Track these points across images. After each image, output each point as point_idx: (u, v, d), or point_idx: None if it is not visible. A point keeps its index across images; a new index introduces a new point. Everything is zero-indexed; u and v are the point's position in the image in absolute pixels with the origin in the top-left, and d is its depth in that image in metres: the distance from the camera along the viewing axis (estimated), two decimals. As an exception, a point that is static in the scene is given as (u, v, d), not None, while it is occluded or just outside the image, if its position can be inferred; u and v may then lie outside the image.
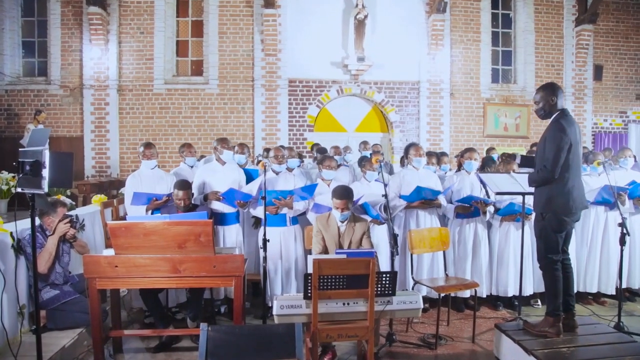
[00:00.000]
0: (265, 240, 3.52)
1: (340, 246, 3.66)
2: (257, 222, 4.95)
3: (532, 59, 9.66)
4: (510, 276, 4.60)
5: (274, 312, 2.90)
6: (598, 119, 9.89)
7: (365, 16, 8.83)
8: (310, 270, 2.85)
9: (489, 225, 4.77)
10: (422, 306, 3.07)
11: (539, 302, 4.82)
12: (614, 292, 4.82)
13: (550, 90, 3.29)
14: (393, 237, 3.60)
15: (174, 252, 3.13)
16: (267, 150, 6.84)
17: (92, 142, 8.55)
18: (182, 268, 3.14)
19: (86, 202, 6.83)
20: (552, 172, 3.12)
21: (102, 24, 8.34)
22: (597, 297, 4.91)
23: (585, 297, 4.87)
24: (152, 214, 4.15)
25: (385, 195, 3.90)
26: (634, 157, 5.31)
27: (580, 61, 9.62)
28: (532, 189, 3.67)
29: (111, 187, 7.72)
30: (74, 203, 4.66)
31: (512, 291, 4.63)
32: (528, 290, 4.66)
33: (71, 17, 8.56)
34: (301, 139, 9.33)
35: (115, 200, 5.59)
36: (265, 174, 3.92)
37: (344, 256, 2.92)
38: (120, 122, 8.74)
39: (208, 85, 9.04)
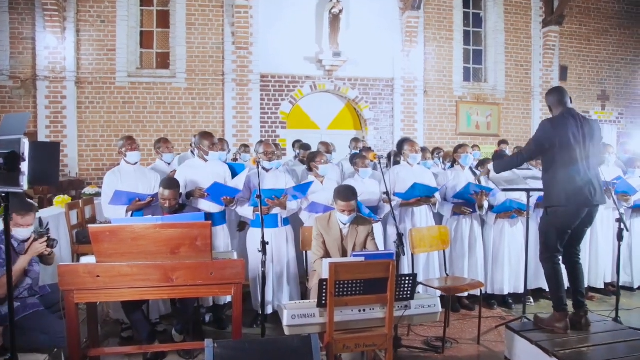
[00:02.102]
0: (264, 243, 3.21)
1: (344, 249, 3.43)
2: (241, 224, 4.64)
3: (502, 59, 9.81)
4: (506, 274, 4.53)
5: (285, 322, 2.62)
6: (563, 118, 10.17)
7: (341, 10, 8.62)
8: (325, 275, 2.59)
9: (482, 223, 4.68)
10: (440, 310, 2.89)
11: (531, 299, 4.80)
12: (602, 287, 4.88)
13: (547, 97, 3.45)
14: (398, 237, 3.40)
15: (166, 259, 2.77)
16: (244, 146, 6.50)
17: (48, 138, 7.79)
18: (175, 276, 2.78)
19: (43, 204, 6.22)
20: (521, 157, 3.42)
21: (58, 10, 7.63)
22: (586, 292, 4.95)
23: (575, 293, 4.89)
24: (132, 215, 3.73)
25: (387, 193, 3.70)
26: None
27: (547, 62, 9.87)
28: (537, 186, 3.61)
29: (70, 188, 7.08)
30: (35, 204, 4.12)
31: (507, 289, 4.56)
32: (521, 288, 4.61)
33: (21, 1, 7.80)
34: (274, 136, 9.00)
35: (80, 201, 5.07)
36: (258, 171, 3.62)
37: (362, 259, 2.68)
38: (79, 117, 8.04)
39: (175, 79, 8.51)
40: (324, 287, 2.57)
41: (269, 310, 4.03)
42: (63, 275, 2.70)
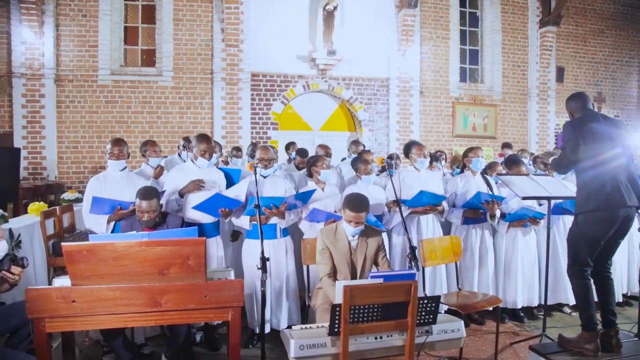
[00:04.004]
0: (263, 259, 2.86)
1: (352, 264, 3.10)
2: (234, 234, 4.28)
3: (499, 59, 9.60)
4: (519, 287, 4.25)
5: (292, 354, 2.27)
6: (560, 120, 10.02)
7: (335, 7, 8.31)
8: (338, 300, 2.26)
9: (493, 232, 4.39)
10: (464, 334, 2.58)
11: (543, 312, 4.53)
12: (621, 299, 4.65)
13: (568, 102, 3.36)
14: (411, 250, 3.09)
15: (154, 280, 2.41)
16: (236, 149, 6.14)
17: (24, 139, 7.33)
18: (164, 300, 2.42)
19: (18, 210, 5.75)
20: (558, 164, 3.25)
21: (36, 2, 7.15)
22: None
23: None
24: (114, 225, 3.35)
25: (397, 202, 3.39)
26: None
27: (544, 62, 9.69)
28: (559, 193, 3.36)
29: (48, 192, 6.63)
30: (6, 214, 3.72)
31: (520, 302, 4.27)
32: (534, 301, 4.35)
33: (-5, -8, 7.33)
34: (265, 137, 8.64)
35: (57, 208, 4.64)
36: (256, 178, 3.27)
37: (381, 280, 2.36)
38: (59, 117, 7.58)
39: (161, 78, 8.10)
40: (337, 313, 2.23)
41: (266, 329, 3.68)
42: (32, 300, 2.32)
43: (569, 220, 4.50)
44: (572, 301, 4.45)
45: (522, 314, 4.36)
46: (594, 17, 10.21)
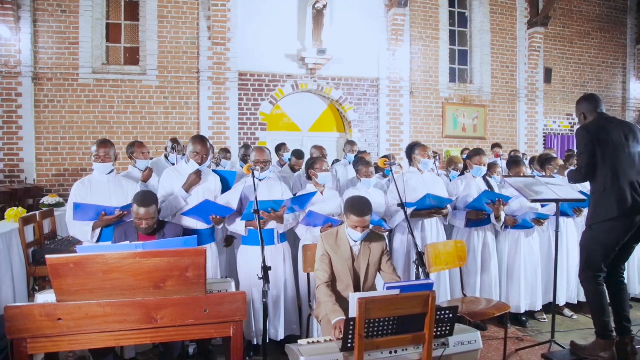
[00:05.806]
0: (265, 269, 2.67)
1: (356, 271, 2.93)
2: (228, 239, 4.09)
3: (488, 59, 9.58)
4: (522, 291, 4.15)
5: (302, 373, 2.10)
6: (548, 121, 10.07)
7: (325, 6, 8.15)
8: (352, 313, 2.09)
9: (496, 234, 4.29)
10: (481, 346, 2.44)
11: (545, 316, 4.44)
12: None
13: (579, 104, 3.32)
14: (419, 256, 2.95)
15: (149, 294, 2.21)
16: (225, 151, 5.93)
17: (0, 140, 6.98)
18: (160, 316, 2.22)
19: (-6, 215, 5.43)
20: (579, 172, 3.07)
21: (11, -4, 6.84)
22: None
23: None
24: (100, 233, 3.12)
25: (401, 205, 3.24)
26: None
27: (532, 63, 9.71)
28: (567, 196, 3.26)
29: (26, 196, 6.30)
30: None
31: (524, 307, 4.17)
32: (537, 305, 4.26)
33: (-32, -13, 6.94)
34: (253, 138, 8.43)
35: (37, 213, 4.37)
36: (254, 181, 3.08)
37: (397, 291, 2.20)
38: (37, 117, 7.23)
39: (145, 77, 7.81)
40: (351, 327, 2.07)
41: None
42: (12, 319, 2.09)
43: (562, 221, 4.44)
44: (562, 301, 4.39)
45: (524, 318, 4.26)
46: (580, 19, 10.29)
